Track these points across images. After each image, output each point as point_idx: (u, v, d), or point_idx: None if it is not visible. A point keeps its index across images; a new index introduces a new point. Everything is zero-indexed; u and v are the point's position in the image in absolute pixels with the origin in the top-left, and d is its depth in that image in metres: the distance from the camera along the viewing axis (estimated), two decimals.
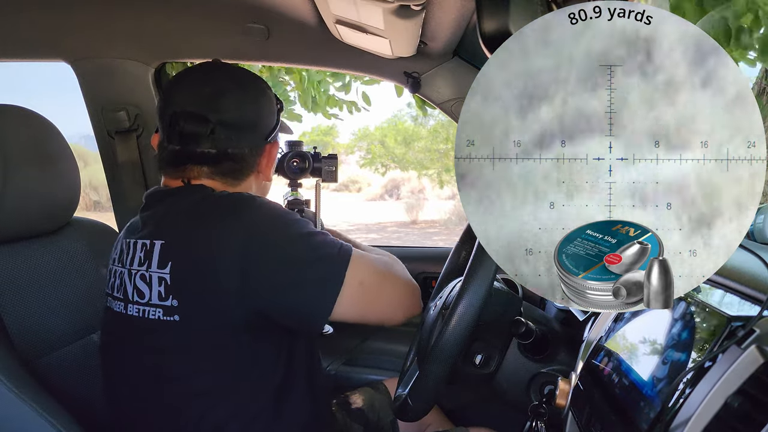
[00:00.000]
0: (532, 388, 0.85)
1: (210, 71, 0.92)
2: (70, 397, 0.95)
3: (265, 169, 0.96)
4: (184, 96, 0.88)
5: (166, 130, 0.88)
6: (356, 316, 0.85)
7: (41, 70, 53.35)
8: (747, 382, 0.49)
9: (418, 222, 11.18)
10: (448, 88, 1.41)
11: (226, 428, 0.83)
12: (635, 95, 0.53)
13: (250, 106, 0.91)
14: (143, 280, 0.82)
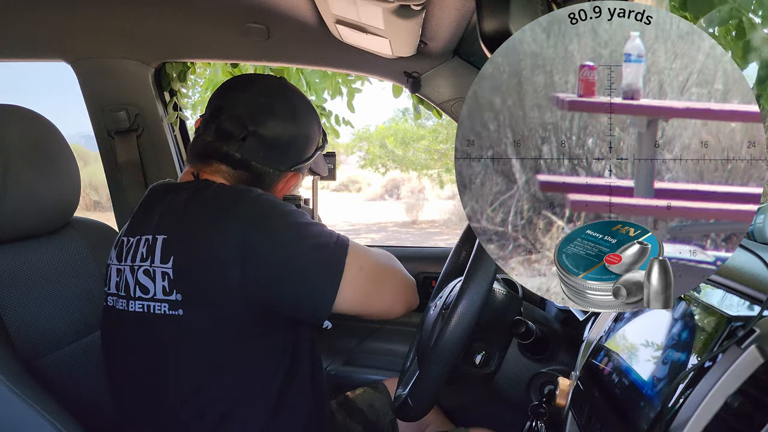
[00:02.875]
0: (532, 388, 0.85)
1: (276, 87, 0.95)
2: (70, 397, 0.95)
3: (277, 193, 0.98)
4: (239, 96, 0.92)
5: (206, 119, 0.92)
6: (358, 306, 0.85)
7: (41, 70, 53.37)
8: (747, 382, 0.49)
9: (418, 222, 11.18)
10: (448, 88, 1.41)
11: (228, 424, 0.83)
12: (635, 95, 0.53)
13: (291, 131, 0.93)
14: (147, 276, 0.82)
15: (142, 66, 1.55)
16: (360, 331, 1.66)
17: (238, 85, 0.95)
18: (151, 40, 1.46)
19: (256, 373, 0.84)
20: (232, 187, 0.86)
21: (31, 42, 1.44)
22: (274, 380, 0.86)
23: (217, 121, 0.90)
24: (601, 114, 0.53)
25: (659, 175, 0.53)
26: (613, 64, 0.53)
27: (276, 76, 1.01)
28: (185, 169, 0.95)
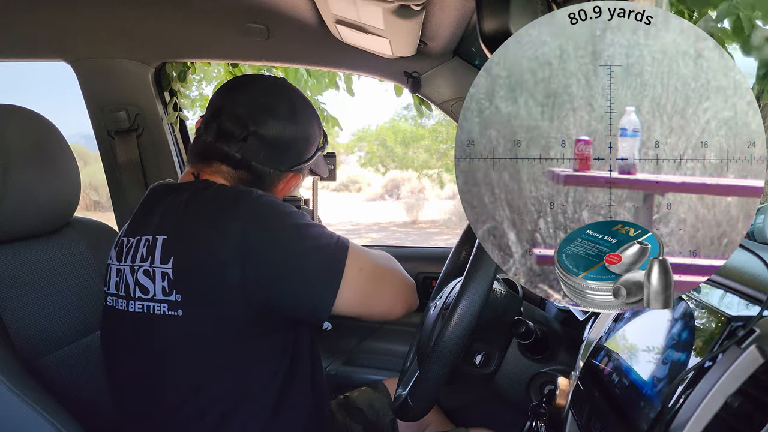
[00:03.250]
0: (532, 388, 0.85)
1: (276, 88, 0.95)
2: (70, 397, 0.95)
3: (278, 193, 0.98)
4: (240, 97, 0.92)
5: (207, 120, 0.92)
6: (357, 307, 0.85)
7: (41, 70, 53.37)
8: (747, 382, 0.49)
9: (418, 222, 11.18)
10: (448, 88, 1.42)
11: (228, 424, 0.83)
12: (635, 95, 0.53)
13: (291, 131, 0.93)
14: (147, 276, 0.82)
15: (142, 66, 1.55)
16: (360, 331, 1.66)
17: (239, 85, 0.95)
18: (151, 40, 1.46)
19: (256, 373, 0.84)
20: (232, 187, 0.87)
21: (31, 42, 1.44)
22: (274, 380, 0.86)
23: (218, 122, 0.90)
24: (601, 113, 0.53)
25: (659, 175, 0.53)
26: (613, 64, 0.53)
27: (276, 77, 1.01)
28: (186, 170, 0.95)
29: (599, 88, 0.53)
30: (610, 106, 0.53)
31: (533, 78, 0.53)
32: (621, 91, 0.53)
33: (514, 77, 0.54)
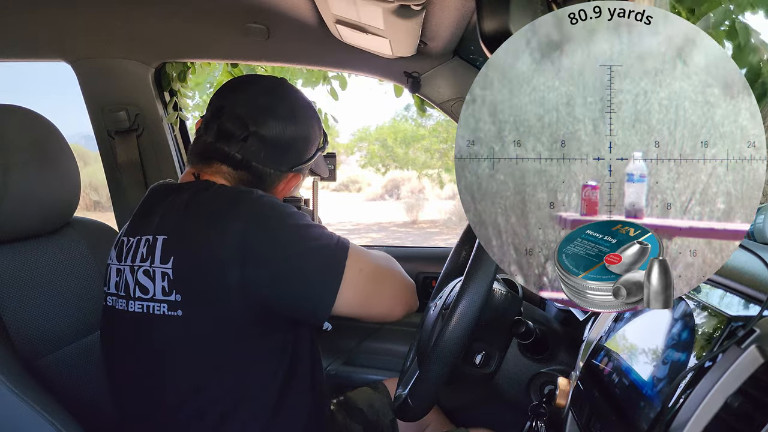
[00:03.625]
0: (532, 388, 0.85)
1: (276, 87, 0.95)
2: (70, 397, 0.95)
3: (278, 194, 0.98)
4: (240, 97, 0.92)
5: (207, 120, 0.92)
6: (357, 308, 0.85)
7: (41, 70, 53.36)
8: (747, 382, 0.49)
9: (418, 222, 11.18)
10: (448, 88, 1.42)
11: (228, 424, 0.83)
12: (635, 95, 0.53)
13: (291, 131, 0.93)
14: (147, 276, 0.82)
15: (142, 66, 1.55)
16: (360, 331, 1.66)
17: (239, 85, 0.95)
18: (151, 40, 1.46)
19: (256, 373, 0.84)
20: (232, 188, 0.86)
21: (31, 42, 1.44)
22: (274, 380, 0.86)
23: (218, 122, 0.90)
24: (601, 114, 0.53)
25: (659, 175, 0.53)
26: (613, 65, 0.53)
27: (277, 77, 1.01)
28: (186, 170, 0.95)
29: (600, 88, 0.53)
30: (610, 106, 0.53)
31: (533, 78, 0.53)
32: (620, 92, 0.53)
33: (514, 77, 0.54)
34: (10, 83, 33.21)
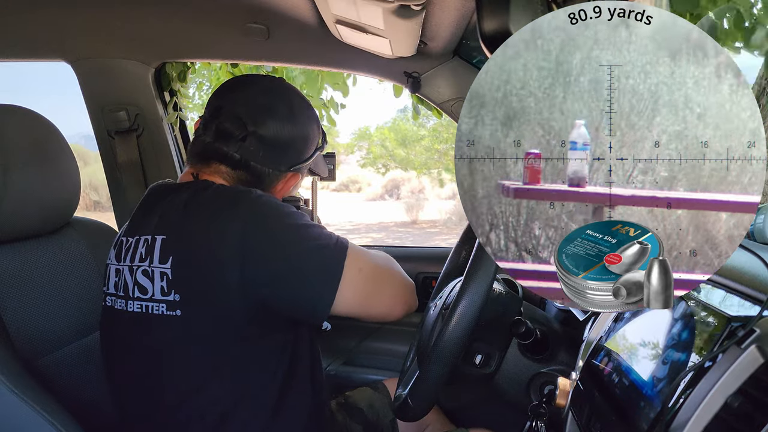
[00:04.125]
0: (532, 388, 0.85)
1: (274, 87, 0.95)
2: (70, 397, 0.95)
3: (277, 193, 0.98)
4: (238, 97, 0.92)
5: (206, 120, 0.92)
6: (357, 308, 0.85)
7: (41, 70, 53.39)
8: (747, 382, 0.49)
9: (418, 222, 11.18)
10: (448, 88, 1.41)
11: (228, 424, 0.83)
12: (635, 95, 0.53)
13: (290, 131, 0.93)
14: (146, 276, 0.82)
15: (142, 66, 1.55)
16: (360, 331, 1.66)
17: (238, 85, 0.95)
18: (151, 40, 1.46)
19: (256, 373, 0.84)
20: (231, 187, 0.86)
21: (31, 42, 1.44)
22: (274, 380, 0.86)
23: (217, 122, 0.90)
24: (601, 113, 0.53)
25: (659, 175, 0.53)
26: (613, 65, 0.53)
27: (275, 77, 1.01)
28: (185, 170, 0.95)
29: (600, 89, 0.53)
30: (610, 106, 0.53)
31: (533, 78, 0.53)
32: (620, 92, 0.53)
33: (514, 77, 0.54)
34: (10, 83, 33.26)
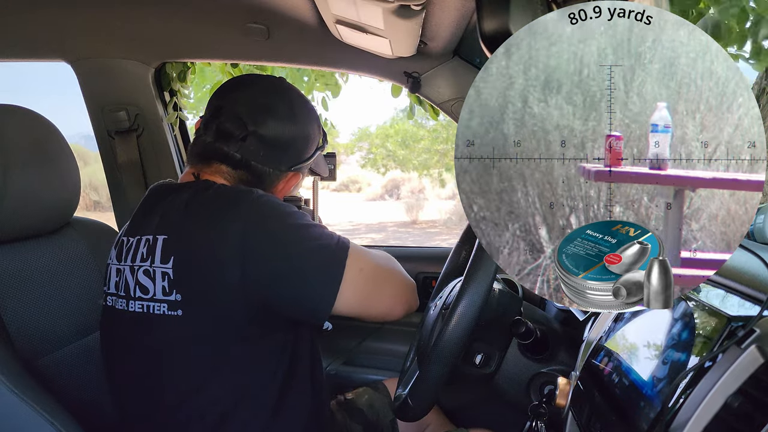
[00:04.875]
0: (532, 388, 0.85)
1: (275, 88, 0.95)
2: (70, 397, 0.95)
3: (278, 193, 0.98)
4: (239, 97, 0.92)
5: (207, 119, 0.92)
6: (358, 308, 0.85)
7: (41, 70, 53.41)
8: (747, 382, 0.49)
9: (418, 222, 11.18)
10: (448, 88, 1.41)
11: (228, 424, 0.83)
12: (635, 95, 0.53)
13: (291, 131, 0.93)
14: (147, 276, 0.82)
15: (142, 66, 1.55)
16: (360, 331, 1.66)
17: (238, 85, 0.95)
18: (151, 40, 1.46)
19: (256, 373, 0.84)
20: (232, 187, 0.86)
21: (31, 42, 1.44)
22: (274, 380, 0.86)
23: (217, 122, 0.90)
24: (601, 114, 0.53)
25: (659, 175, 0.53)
26: (612, 64, 0.53)
27: (276, 77, 1.01)
28: (186, 170, 0.95)
29: (600, 88, 0.53)
30: (610, 106, 0.53)
31: (533, 78, 0.54)
32: (620, 92, 0.53)
33: (514, 77, 0.54)
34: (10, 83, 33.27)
